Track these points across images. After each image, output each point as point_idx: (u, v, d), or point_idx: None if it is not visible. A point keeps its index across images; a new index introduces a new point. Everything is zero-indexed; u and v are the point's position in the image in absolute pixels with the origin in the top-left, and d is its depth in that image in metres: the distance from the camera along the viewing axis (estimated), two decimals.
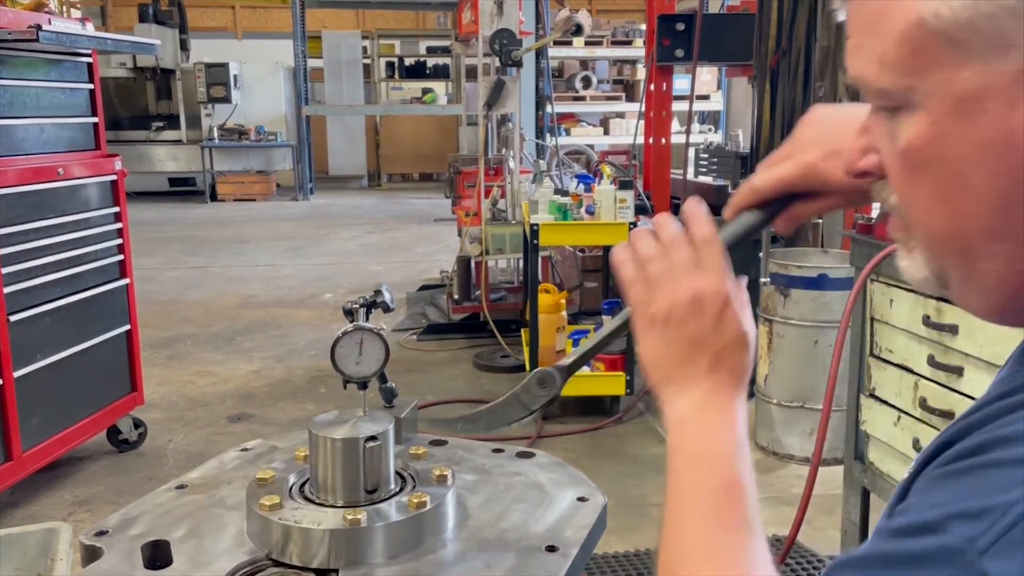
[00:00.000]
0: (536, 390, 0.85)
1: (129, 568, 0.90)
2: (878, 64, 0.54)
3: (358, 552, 0.91)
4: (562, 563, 0.92)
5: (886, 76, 0.54)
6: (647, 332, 0.75)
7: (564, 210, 3.59)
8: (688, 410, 0.73)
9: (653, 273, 0.75)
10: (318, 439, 0.96)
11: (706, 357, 0.73)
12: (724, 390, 0.73)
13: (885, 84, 0.54)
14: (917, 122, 0.53)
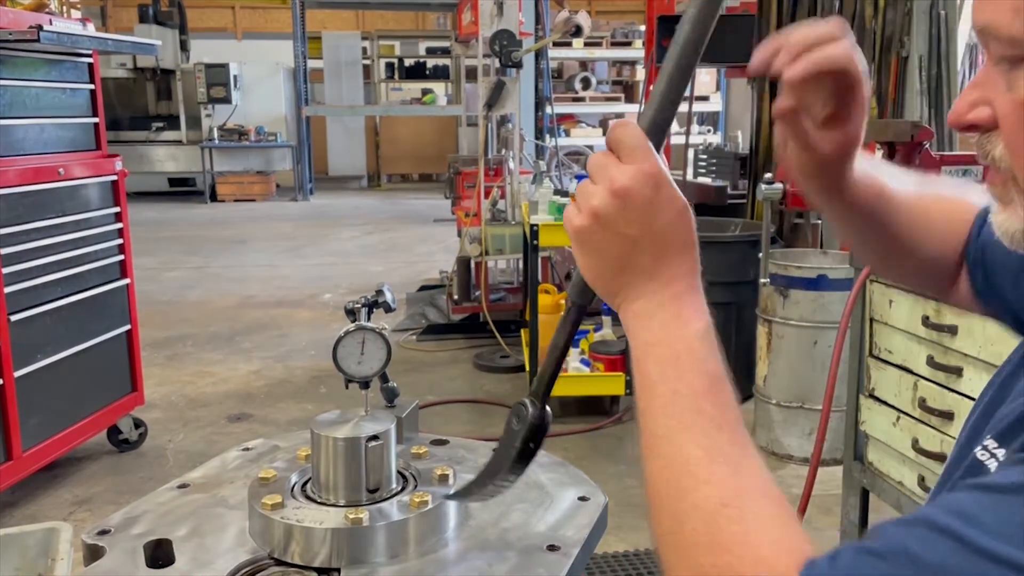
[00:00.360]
0: (515, 426, 0.78)
1: (132, 567, 0.90)
2: (1012, 12, 0.56)
3: (360, 551, 0.91)
4: (563, 562, 0.92)
5: (1019, 24, 0.55)
6: (581, 250, 0.70)
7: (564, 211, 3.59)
8: (645, 310, 0.68)
9: (580, 195, 0.69)
10: (320, 438, 0.96)
11: (646, 252, 0.67)
12: (677, 278, 0.68)
13: (1016, 32, 0.56)
14: None
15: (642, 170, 0.67)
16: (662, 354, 0.66)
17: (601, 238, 0.68)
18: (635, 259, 0.68)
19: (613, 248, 0.68)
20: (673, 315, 0.67)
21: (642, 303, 0.68)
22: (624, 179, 0.66)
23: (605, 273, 0.70)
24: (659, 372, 0.66)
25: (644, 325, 0.68)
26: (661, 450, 0.63)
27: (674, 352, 0.66)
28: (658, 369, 0.66)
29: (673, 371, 0.65)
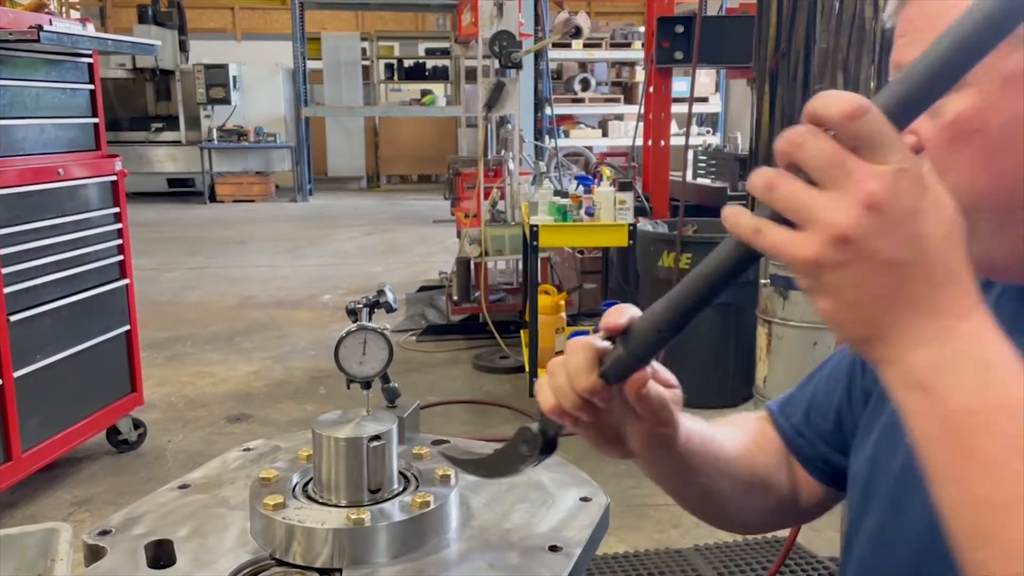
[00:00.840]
0: (522, 449, 0.78)
1: (132, 567, 0.90)
2: None
3: (362, 551, 0.91)
4: (565, 563, 0.92)
5: None
6: (820, 289, 0.53)
7: (563, 211, 3.59)
8: (937, 361, 0.51)
9: (804, 211, 0.52)
10: (322, 439, 0.96)
11: (921, 280, 0.51)
12: (969, 310, 0.52)
13: None
14: (967, 97, 0.64)
15: (903, 171, 0.50)
16: (1004, 426, 0.49)
17: (853, 271, 0.51)
18: (906, 292, 0.51)
19: (872, 282, 0.51)
20: (985, 362, 0.51)
21: (930, 351, 0.52)
22: (880, 185, 0.50)
23: (861, 316, 0.53)
24: (1011, 455, 0.49)
25: (944, 382, 0.51)
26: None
27: (1009, 408, 0.49)
28: (1008, 451, 0.49)
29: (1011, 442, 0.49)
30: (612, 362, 0.69)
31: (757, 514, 0.94)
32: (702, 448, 0.85)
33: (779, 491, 0.94)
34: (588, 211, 3.60)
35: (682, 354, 3.86)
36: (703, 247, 3.78)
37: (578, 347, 0.71)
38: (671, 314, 0.65)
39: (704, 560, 2.56)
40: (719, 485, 0.89)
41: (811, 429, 0.96)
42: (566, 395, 0.71)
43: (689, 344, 3.84)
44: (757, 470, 0.92)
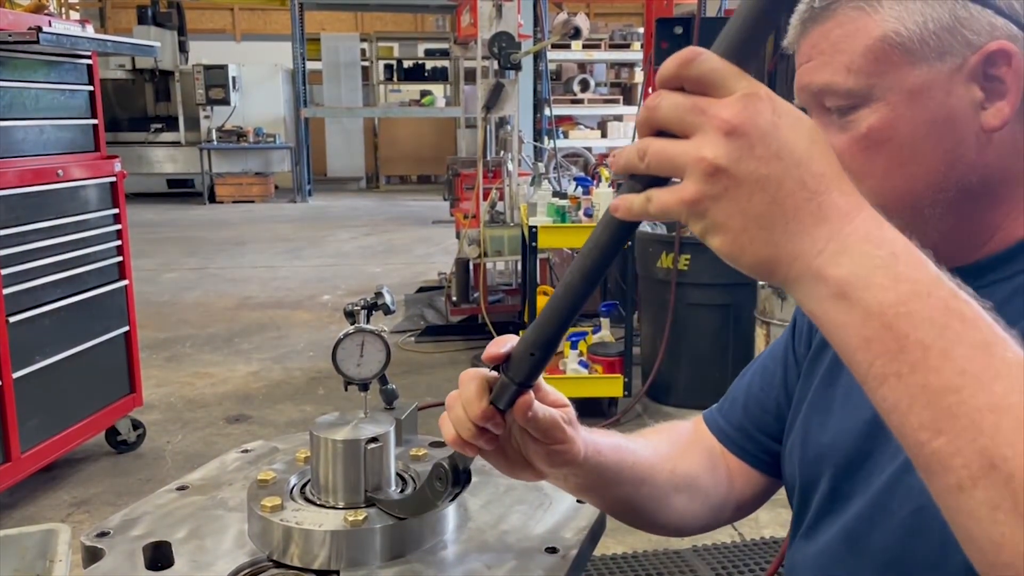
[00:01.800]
0: (436, 485, 0.85)
1: (130, 569, 0.90)
2: (845, 71, 0.71)
3: (359, 553, 0.91)
4: (562, 565, 0.92)
5: (852, 79, 0.71)
6: (708, 225, 0.54)
7: (562, 212, 3.60)
8: (844, 265, 0.51)
9: (672, 158, 0.53)
10: (319, 440, 0.96)
11: (799, 188, 0.52)
12: (855, 208, 0.52)
13: (851, 85, 0.71)
14: (877, 111, 0.71)
15: (751, 94, 0.52)
16: (924, 310, 0.49)
17: (732, 198, 0.52)
18: (788, 205, 0.51)
19: (753, 203, 0.51)
20: (887, 255, 0.51)
21: (831, 258, 0.51)
22: (733, 111, 0.51)
23: (754, 241, 0.52)
24: (940, 335, 0.48)
25: (857, 284, 0.50)
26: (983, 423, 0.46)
27: (939, 301, 0.49)
28: (935, 332, 0.48)
29: (959, 325, 0.49)
30: (498, 389, 0.75)
31: (686, 516, 0.97)
32: (614, 459, 0.88)
33: (706, 491, 0.98)
34: (587, 212, 3.60)
35: (680, 355, 3.87)
36: (702, 248, 3.77)
37: (467, 379, 0.76)
38: (538, 336, 0.71)
39: (702, 561, 2.56)
40: (639, 492, 0.92)
41: (751, 422, 1.01)
42: (463, 425, 0.76)
43: (687, 345, 3.85)
44: (678, 474, 0.95)
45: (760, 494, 1.02)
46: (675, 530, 1.04)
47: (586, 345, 3.88)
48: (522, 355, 0.73)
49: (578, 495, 0.97)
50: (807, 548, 0.88)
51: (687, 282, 3.75)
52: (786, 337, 1.00)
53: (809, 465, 0.88)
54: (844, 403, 0.84)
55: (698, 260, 3.73)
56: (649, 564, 2.55)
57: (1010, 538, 0.45)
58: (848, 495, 0.82)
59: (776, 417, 0.98)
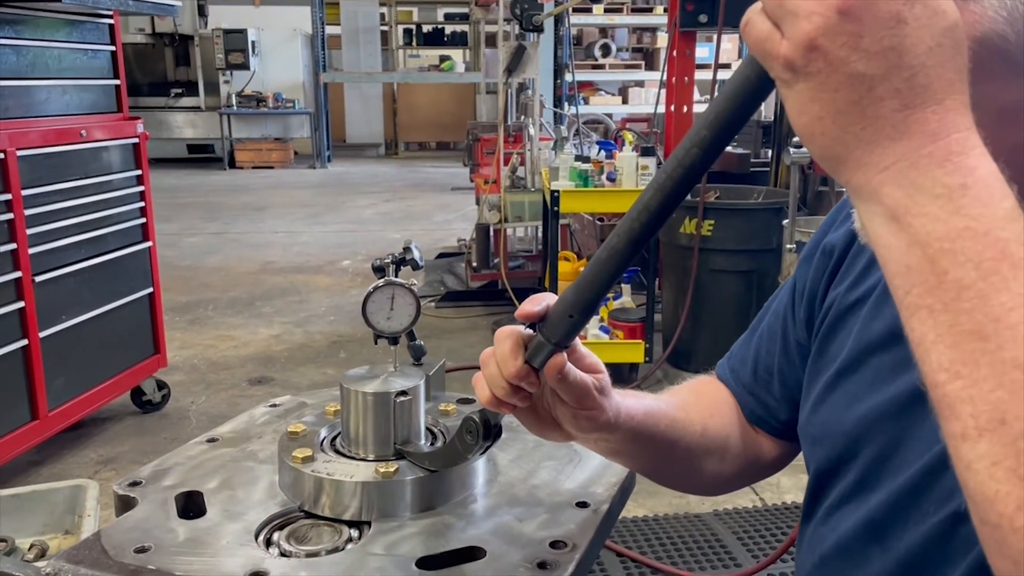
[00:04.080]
0: (467, 438, 0.85)
1: (164, 517, 0.91)
2: None
3: (390, 505, 0.91)
4: (593, 519, 0.91)
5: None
6: (790, 93, 0.50)
7: (585, 176, 3.56)
8: (903, 184, 0.47)
9: (781, 10, 0.49)
10: (349, 393, 0.96)
11: (890, 97, 0.47)
12: (944, 131, 0.47)
13: None
14: None
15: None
16: (972, 249, 0.45)
17: (819, 82, 0.47)
18: (871, 111, 0.47)
19: (837, 95, 0.47)
20: (957, 186, 0.46)
21: (896, 176, 0.47)
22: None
23: (827, 132, 0.49)
24: (982, 277, 0.45)
25: (911, 208, 0.47)
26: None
27: (995, 242, 0.45)
28: (978, 274, 0.45)
29: (1009, 272, 0.44)
30: (533, 348, 0.74)
31: (718, 477, 0.96)
32: (646, 424, 0.86)
33: (736, 451, 0.96)
34: (610, 176, 3.57)
35: (701, 321, 3.85)
36: (725, 213, 3.74)
37: (502, 336, 0.75)
38: (578, 297, 0.70)
39: (723, 525, 2.57)
40: (670, 455, 0.90)
41: (760, 387, 0.98)
42: (498, 384, 0.75)
43: (709, 311, 3.83)
44: (710, 435, 0.94)
45: (781, 457, 0.99)
46: (706, 490, 1.04)
47: (607, 311, 3.86)
48: (560, 315, 0.72)
49: (608, 457, 0.96)
50: (824, 532, 0.84)
51: (710, 248, 3.71)
52: (786, 299, 0.96)
53: (830, 448, 0.84)
54: (872, 388, 0.79)
55: (722, 226, 3.69)
56: (670, 527, 2.55)
57: (1003, 496, 0.43)
58: (874, 484, 0.77)
59: (782, 383, 0.95)
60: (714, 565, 2.36)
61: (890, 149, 0.48)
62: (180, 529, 0.89)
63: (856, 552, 0.79)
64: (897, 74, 0.46)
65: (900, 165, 0.47)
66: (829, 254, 0.89)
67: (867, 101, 0.47)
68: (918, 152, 0.47)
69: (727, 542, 2.47)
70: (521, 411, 0.80)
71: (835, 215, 0.92)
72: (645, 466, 0.94)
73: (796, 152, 2.71)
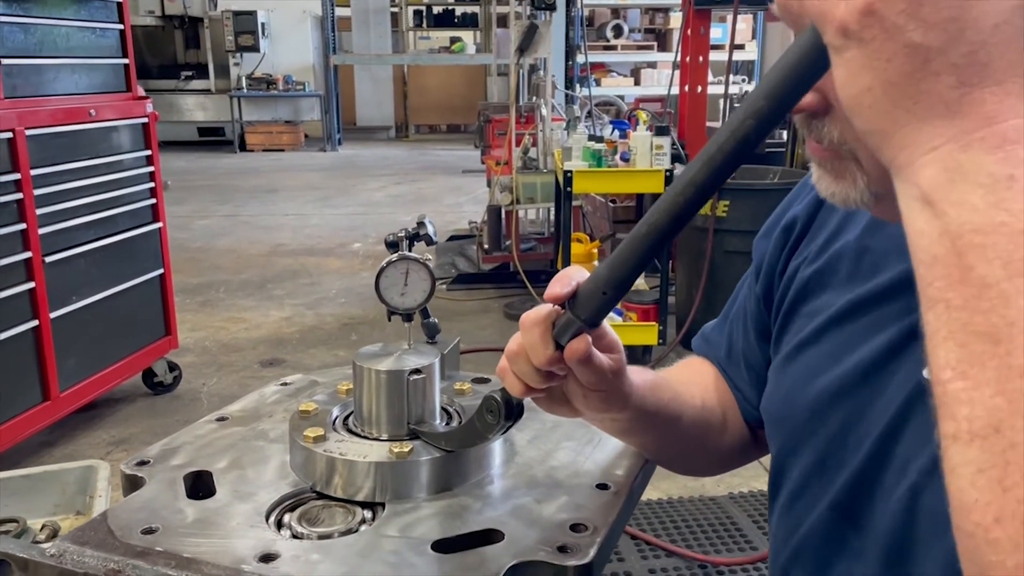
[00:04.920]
0: (487, 418, 0.82)
1: (172, 497, 0.88)
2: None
3: (404, 486, 0.88)
4: (615, 501, 0.88)
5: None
6: (841, 58, 0.46)
7: (598, 156, 3.52)
8: (946, 168, 0.43)
9: None
10: (362, 371, 0.93)
11: (946, 73, 0.43)
12: (1001, 115, 0.42)
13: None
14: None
15: None
16: (1004, 246, 0.41)
17: (872, 50, 0.44)
18: (923, 85, 0.43)
19: (888, 66, 0.44)
20: (1003, 176, 0.42)
21: (940, 158, 0.43)
22: None
23: (876, 105, 0.45)
24: (1008, 278, 0.41)
25: (950, 195, 0.43)
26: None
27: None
28: (1004, 273, 0.41)
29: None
30: (561, 326, 0.71)
31: (721, 453, 0.95)
32: (652, 402, 0.85)
33: (735, 426, 0.95)
34: (624, 156, 3.52)
35: (716, 303, 3.80)
36: (742, 194, 3.69)
37: (530, 324, 0.73)
38: (612, 274, 0.67)
39: (738, 508, 2.54)
40: (676, 432, 0.89)
41: (733, 371, 0.97)
42: (530, 376, 0.74)
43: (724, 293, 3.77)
44: (709, 409, 0.93)
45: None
46: (709, 467, 1.03)
47: None
48: (592, 293, 0.69)
49: (614, 436, 0.96)
50: (791, 521, 0.81)
51: (725, 229, 3.66)
52: (750, 280, 0.95)
53: (790, 427, 0.81)
54: (831, 359, 0.77)
55: (737, 206, 3.64)
56: (684, 510, 2.53)
57: (982, 506, 0.40)
58: (836, 464, 0.74)
59: (747, 367, 0.94)
60: (729, 548, 2.33)
61: (940, 129, 0.44)
62: (188, 510, 0.86)
63: (831, 537, 0.76)
64: (956, 48, 0.43)
65: (949, 147, 0.44)
66: (790, 228, 0.87)
67: (921, 74, 0.43)
68: (970, 135, 0.43)
69: (742, 525, 2.45)
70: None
71: (798, 192, 0.91)
72: (649, 444, 0.93)
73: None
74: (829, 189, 0.63)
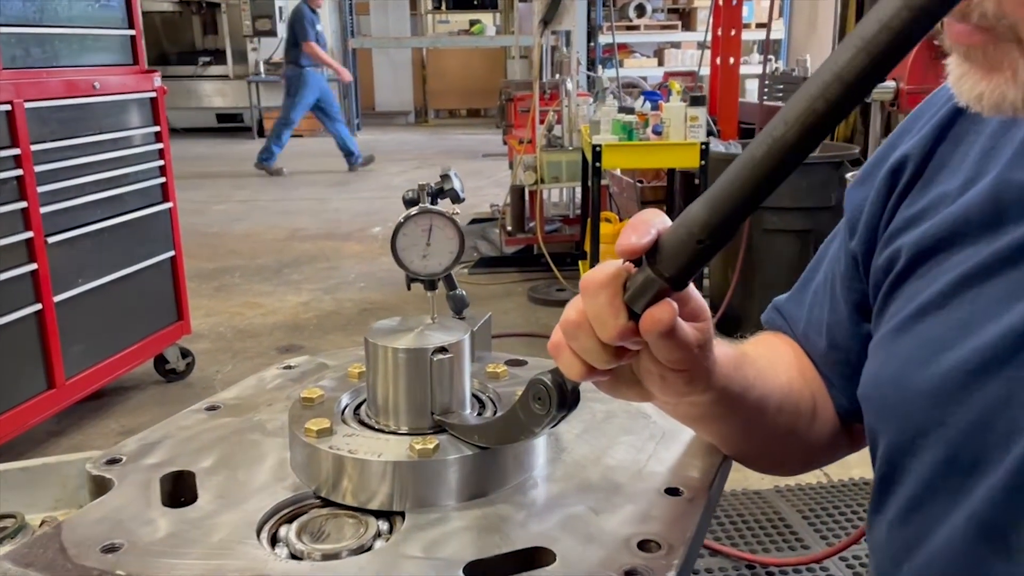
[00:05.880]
0: (535, 407, 0.65)
1: (143, 504, 0.72)
2: None
3: (429, 490, 0.71)
4: (690, 510, 0.71)
5: None
6: None
7: (629, 129, 3.32)
8: None
9: None
10: (377, 349, 0.76)
11: None
12: None
13: None
14: None
15: None
16: None
17: None
18: None
19: None
20: None
21: None
22: None
23: None
24: None
25: None
26: None
27: None
28: None
29: None
30: (636, 289, 0.55)
31: (810, 444, 0.78)
32: (738, 379, 0.68)
33: (825, 412, 0.78)
34: (656, 129, 3.32)
35: (753, 285, 3.60)
36: None
37: (595, 286, 0.56)
38: (712, 212, 0.50)
39: (787, 503, 2.35)
40: (762, 418, 0.72)
41: (813, 351, 0.80)
42: (594, 354, 0.58)
43: (762, 274, 3.58)
44: (796, 391, 0.76)
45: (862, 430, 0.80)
46: (795, 463, 0.85)
47: None
48: (683, 241, 0.52)
49: (685, 423, 0.80)
50: (908, 538, 0.62)
51: (764, 206, 3.45)
52: (841, 238, 0.77)
53: (902, 417, 0.63)
54: (964, 331, 0.58)
55: None
56: (729, 506, 2.35)
57: None
58: (973, 466, 0.56)
59: (832, 346, 0.77)
60: (779, 547, 2.15)
61: None
62: (162, 520, 0.69)
63: (969, 562, 0.57)
64: None
65: None
66: (898, 170, 0.69)
67: None
68: None
69: (791, 521, 2.26)
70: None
71: (906, 127, 0.72)
72: (730, 435, 0.76)
73: (877, 88, 2.45)
74: (975, 90, 0.51)
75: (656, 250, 0.54)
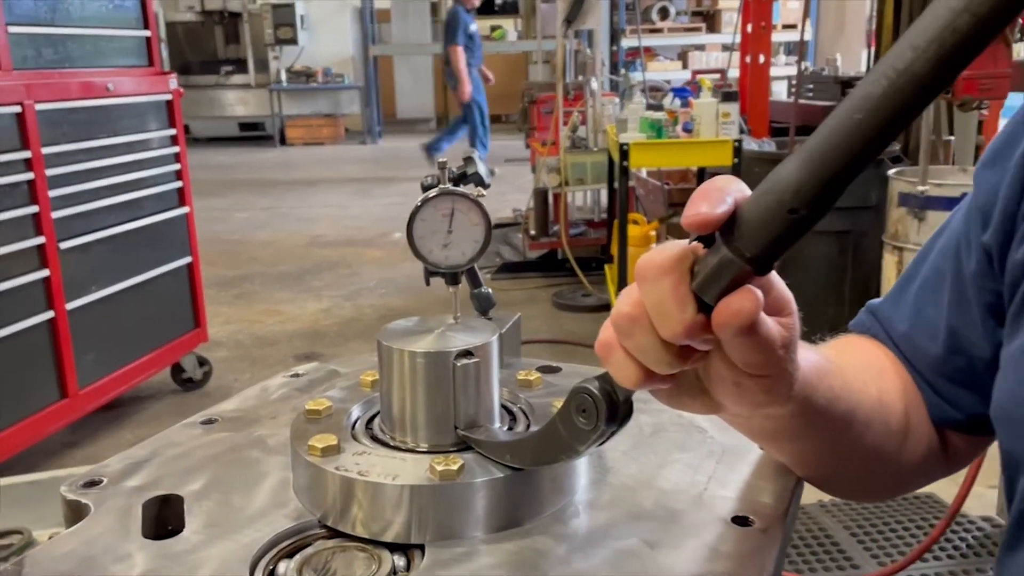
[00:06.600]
0: (579, 421, 0.53)
1: (121, 535, 0.62)
2: None
3: (453, 519, 0.60)
4: (763, 542, 0.59)
5: None
6: None
7: (658, 127, 3.20)
8: None
9: None
10: (392, 353, 0.65)
11: None
12: None
13: None
14: None
15: None
16: None
17: None
18: None
19: None
20: None
21: None
22: None
23: None
24: None
25: None
26: None
27: None
28: None
29: None
30: (708, 276, 0.44)
31: (901, 465, 0.68)
32: (823, 389, 0.56)
33: (921, 430, 0.67)
34: (686, 127, 3.20)
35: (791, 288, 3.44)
36: None
37: (655, 271, 0.45)
38: (808, 174, 0.40)
39: (832, 518, 2.22)
40: (848, 435, 0.62)
41: (918, 357, 0.68)
42: (655, 356, 0.46)
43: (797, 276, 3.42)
44: (887, 405, 0.66)
45: (971, 446, 0.70)
46: (880, 488, 0.77)
47: None
48: (771, 211, 0.41)
49: (755, 439, 0.68)
50: None
51: None
52: (959, 229, 0.66)
53: None
54: None
55: None
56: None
57: None
58: None
59: (953, 348, 0.65)
60: (826, 566, 2.02)
61: None
62: (139, 555, 0.59)
63: None
64: None
65: None
66: None
67: None
68: None
69: (839, 538, 2.13)
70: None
71: None
72: (809, 454, 0.65)
73: None
74: None
75: (734, 224, 0.43)
